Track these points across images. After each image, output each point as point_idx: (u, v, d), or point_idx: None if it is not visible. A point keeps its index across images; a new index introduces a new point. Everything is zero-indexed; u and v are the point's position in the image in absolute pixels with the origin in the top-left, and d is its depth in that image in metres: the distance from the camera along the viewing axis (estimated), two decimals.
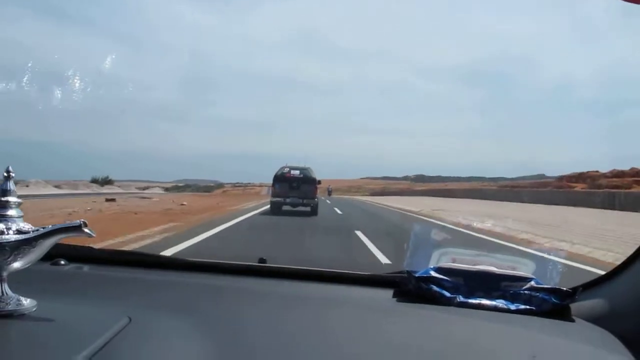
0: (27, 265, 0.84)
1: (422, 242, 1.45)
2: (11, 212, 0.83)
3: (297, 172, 18.62)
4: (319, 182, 19.10)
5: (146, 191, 54.59)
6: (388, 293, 1.21)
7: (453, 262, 1.24)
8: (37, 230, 0.83)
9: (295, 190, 17.86)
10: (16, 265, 0.83)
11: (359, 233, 10.94)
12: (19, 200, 0.85)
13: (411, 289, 1.17)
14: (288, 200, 17.82)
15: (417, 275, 1.18)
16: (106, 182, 55.55)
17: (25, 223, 0.84)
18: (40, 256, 0.84)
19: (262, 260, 1.39)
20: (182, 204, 21.02)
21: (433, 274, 1.18)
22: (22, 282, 0.86)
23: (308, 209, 17.65)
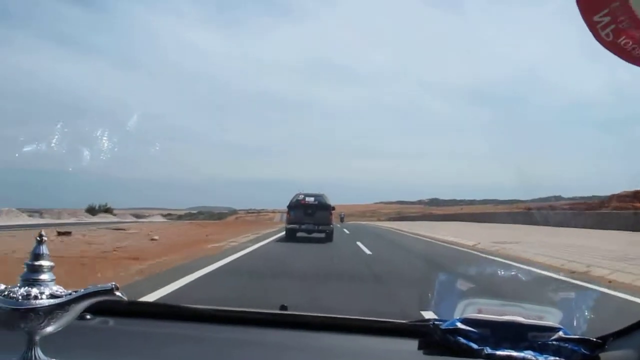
0: (59, 329, 0.85)
1: (448, 291, 1.45)
2: (44, 276, 0.85)
3: (312, 198, 18.84)
4: (333, 208, 19.22)
5: (142, 219, 51.23)
6: (413, 344, 1.19)
7: (479, 313, 1.23)
8: (70, 294, 0.84)
9: (310, 216, 18.06)
10: (49, 329, 0.84)
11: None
12: (52, 263, 0.86)
13: (437, 340, 1.16)
14: (303, 226, 18.07)
15: (443, 327, 1.17)
16: (104, 210, 53.57)
17: (58, 286, 0.86)
18: (73, 320, 0.85)
19: (283, 308, 1.39)
20: (153, 239, 16.11)
21: (460, 325, 1.17)
22: (49, 340, 0.87)
23: (323, 235, 17.74)
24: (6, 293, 0.83)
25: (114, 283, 0.85)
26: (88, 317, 1.16)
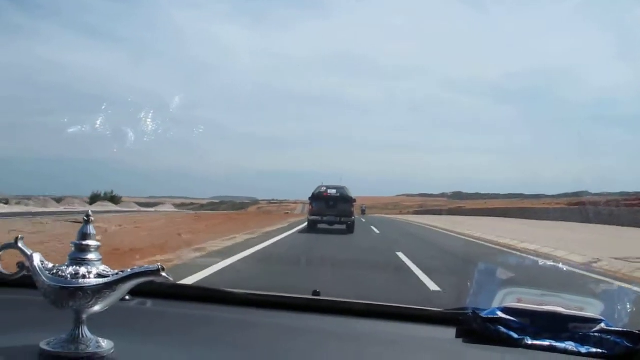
0: (105, 308, 0.86)
1: (487, 280, 1.43)
2: (91, 255, 0.86)
3: (334, 191, 19.19)
4: (355, 200, 19.43)
5: (148, 209, 48.81)
6: (449, 332, 1.18)
7: (519, 302, 1.21)
8: (117, 273, 0.85)
9: (332, 208, 18.36)
10: (96, 308, 0.85)
11: None
12: (98, 243, 0.88)
13: (476, 328, 1.14)
14: (325, 218, 18.35)
15: (483, 315, 1.15)
16: (109, 198, 51.20)
17: (105, 266, 0.87)
18: (119, 299, 0.86)
19: (316, 293, 1.39)
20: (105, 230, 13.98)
21: (500, 314, 1.15)
22: (94, 318, 0.88)
23: (344, 227, 18.12)
24: (55, 271, 0.84)
25: (160, 264, 0.86)
26: (127, 297, 1.18)
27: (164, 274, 0.85)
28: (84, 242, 0.86)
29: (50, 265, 0.87)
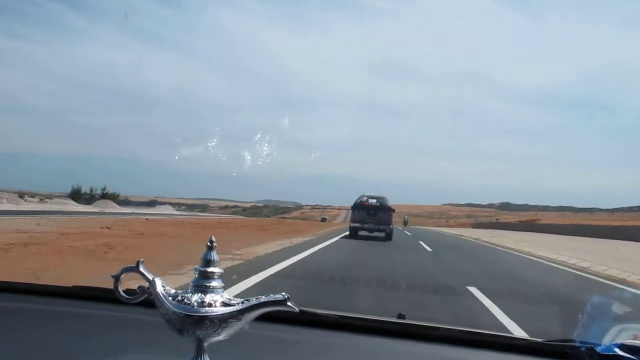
0: (227, 337, 0.84)
1: (600, 314, 1.34)
2: (215, 283, 0.84)
3: (374, 200, 20.28)
4: (394, 210, 20.41)
5: (147, 211, 44.40)
6: None
7: (635, 339, 1.12)
8: (242, 302, 0.83)
9: (372, 217, 19.51)
10: (219, 337, 0.83)
11: None
12: (222, 270, 0.86)
13: None
14: (365, 225, 19.47)
15: (600, 351, 1.07)
16: (101, 195, 46.91)
17: (227, 294, 0.85)
18: (242, 328, 0.84)
19: (400, 316, 1.34)
20: None
21: (618, 351, 1.07)
22: (214, 345, 0.86)
23: (383, 234, 19.21)
24: (180, 298, 0.83)
25: (284, 293, 0.83)
26: None
27: (289, 303, 0.82)
28: (209, 269, 0.85)
29: (173, 290, 0.86)
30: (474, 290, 6.91)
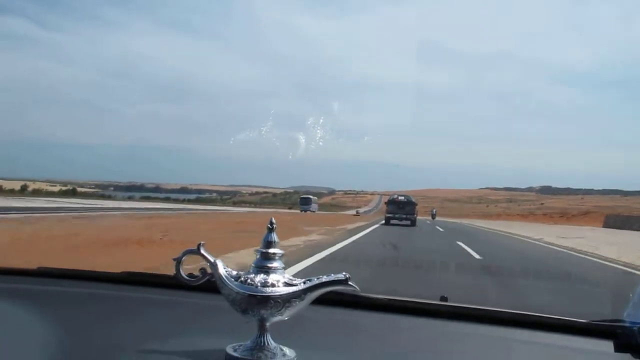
0: (289, 317, 0.85)
1: None
2: (276, 264, 0.86)
3: (403, 197, 29.29)
4: (417, 204, 29.25)
5: (136, 205, 39.68)
6: (604, 345, 1.08)
7: None
8: (305, 282, 0.84)
9: (401, 210, 27.95)
10: (281, 317, 0.84)
11: None
12: (283, 251, 0.87)
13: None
14: (397, 215, 27.59)
15: None
16: (68, 190, 44.78)
17: (289, 274, 0.86)
18: (304, 308, 0.85)
19: (443, 299, 1.33)
20: None
21: None
22: (275, 326, 0.88)
23: (408, 222, 27.03)
24: (243, 279, 0.85)
25: (345, 273, 0.84)
26: None
27: (351, 282, 0.83)
28: (270, 251, 0.86)
29: (234, 272, 0.87)
30: None
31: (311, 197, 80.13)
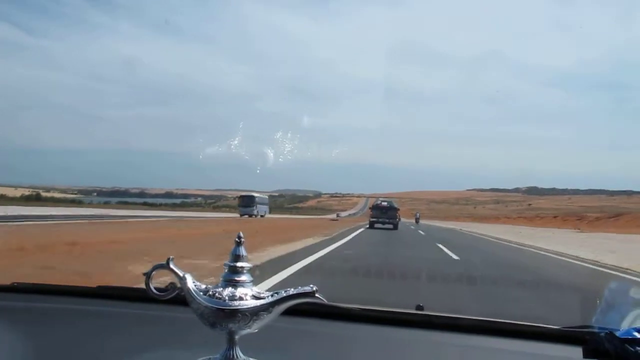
0: (257, 330, 0.86)
1: (618, 300, 1.32)
2: (244, 277, 0.86)
3: (386, 203, 31.26)
4: (398, 209, 31.41)
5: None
6: (573, 351, 1.10)
7: None
8: (273, 295, 0.85)
9: (384, 214, 29.60)
10: (250, 330, 0.85)
11: None
12: (250, 265, 0.88)
13: (610, 349, 1.06)
14: (380, 219, 29.18)
15: (620, 335, 1.06)
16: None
17: (256, 288, 0.87)
18: (272, 320, 0.86)
19: (419, 308, 1.35)
20: None
21: (638, 335, 1.06)
22: (244, 338, 0.88)
23: (391, 226, 28.55)
24: (211, 293, 0.85)
25: (312, 285, 0.84)
26: None
27: (318, 295, 0.84)
28: (239, 264, 0.87)
29: (203, 286, 0.88)
30: None
31: (256, 195, 56.33)
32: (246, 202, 53.88)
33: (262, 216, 52.68)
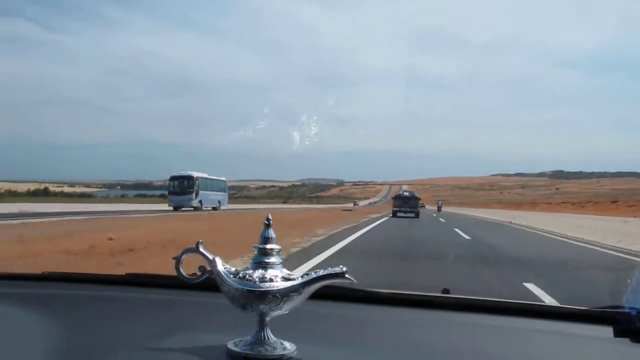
0: (288, 311, 0.86)
1: None
2: (273, 259, 0.86)
3: (407, 193, 34.39)
4: (420, 198, 33.41)
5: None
6: (604, 331, 1.09)
7: None
8: (303, 277, 0.85)
9: (406, 204, 32.09)
10: (281, 311, 0.85)
11: None
12: (280, 247, 0.88)
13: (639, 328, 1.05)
14: (402, 209, 31.49)
15: None
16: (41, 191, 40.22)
17: (286, 269, 0.87)
18: (302, 302, 0.86)
19: (445, 291, 1.34)
20: None
21: None
22: (275, 320, 0.89)
23: (413, 214, 30.86)
24: (241, 275, 0.85)
25: (342, 266, 0.84)
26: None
27: (348, 276, 0.83)
28: (267, 246, 0.87)
29: (233, 269, 0.88)
30: None
31: (197, 175, 34.92)
32: (180, 188, 34.06)
33: (214, 209, 35.61)
